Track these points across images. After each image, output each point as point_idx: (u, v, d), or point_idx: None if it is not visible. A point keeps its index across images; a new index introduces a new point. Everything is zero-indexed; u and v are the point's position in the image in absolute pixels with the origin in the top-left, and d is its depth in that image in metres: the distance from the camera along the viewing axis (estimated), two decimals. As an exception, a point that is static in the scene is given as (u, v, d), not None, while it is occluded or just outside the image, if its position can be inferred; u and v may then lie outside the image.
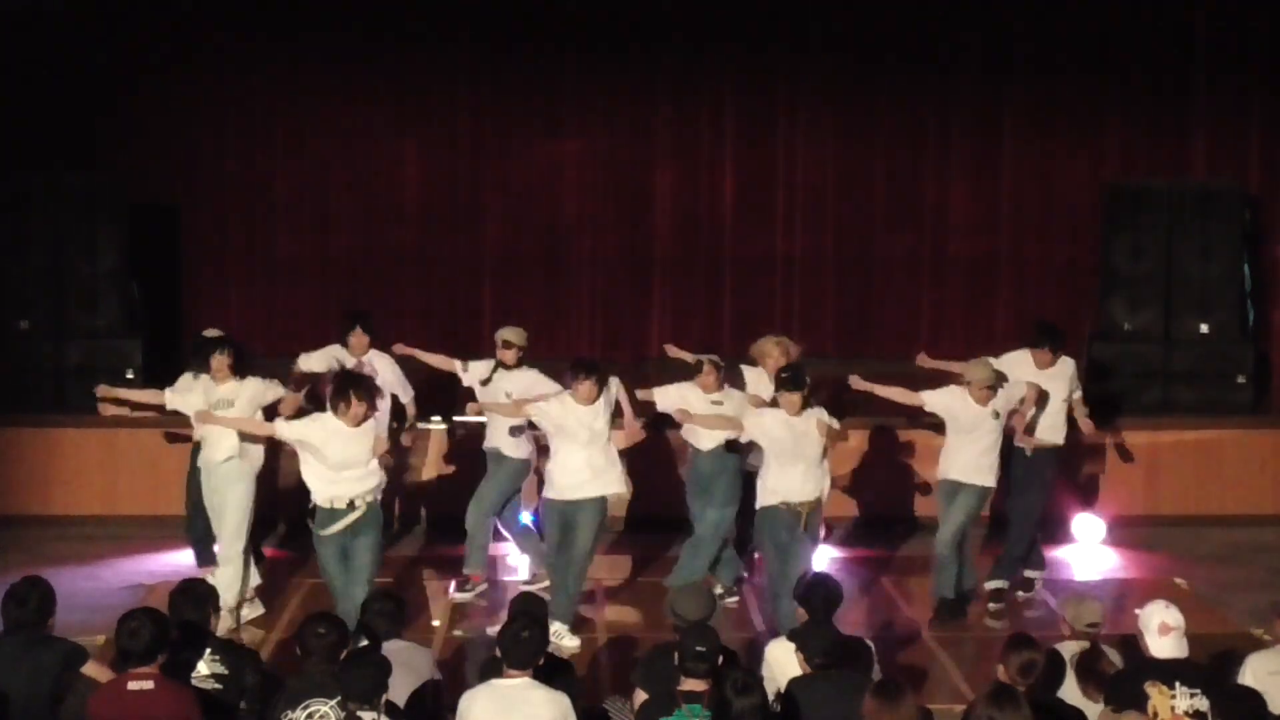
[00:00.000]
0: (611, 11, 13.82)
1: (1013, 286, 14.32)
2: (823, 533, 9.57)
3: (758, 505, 9.12)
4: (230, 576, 9.29)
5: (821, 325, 14.11)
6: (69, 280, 12.39)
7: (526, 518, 10.41)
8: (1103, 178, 13.61)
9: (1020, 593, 10.13)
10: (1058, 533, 11.12)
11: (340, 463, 8.45)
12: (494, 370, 10.10)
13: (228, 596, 8.99)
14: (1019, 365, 9.99)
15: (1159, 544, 11.46)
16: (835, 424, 9.08)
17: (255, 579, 9.60)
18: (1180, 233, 12.67)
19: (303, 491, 8.69)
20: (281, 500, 10.63)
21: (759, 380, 10.02)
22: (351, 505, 8.50)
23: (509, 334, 10.12)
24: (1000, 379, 9.59)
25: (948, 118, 14.22)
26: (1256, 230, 13.30)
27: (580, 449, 9.16)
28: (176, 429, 10.96)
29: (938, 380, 9.85)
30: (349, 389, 8.51)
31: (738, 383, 10.01)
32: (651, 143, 14.22)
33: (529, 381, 9.93)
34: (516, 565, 10.61)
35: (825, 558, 10.15)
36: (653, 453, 11.35)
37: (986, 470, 9.60)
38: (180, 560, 10.75)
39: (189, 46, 13.74)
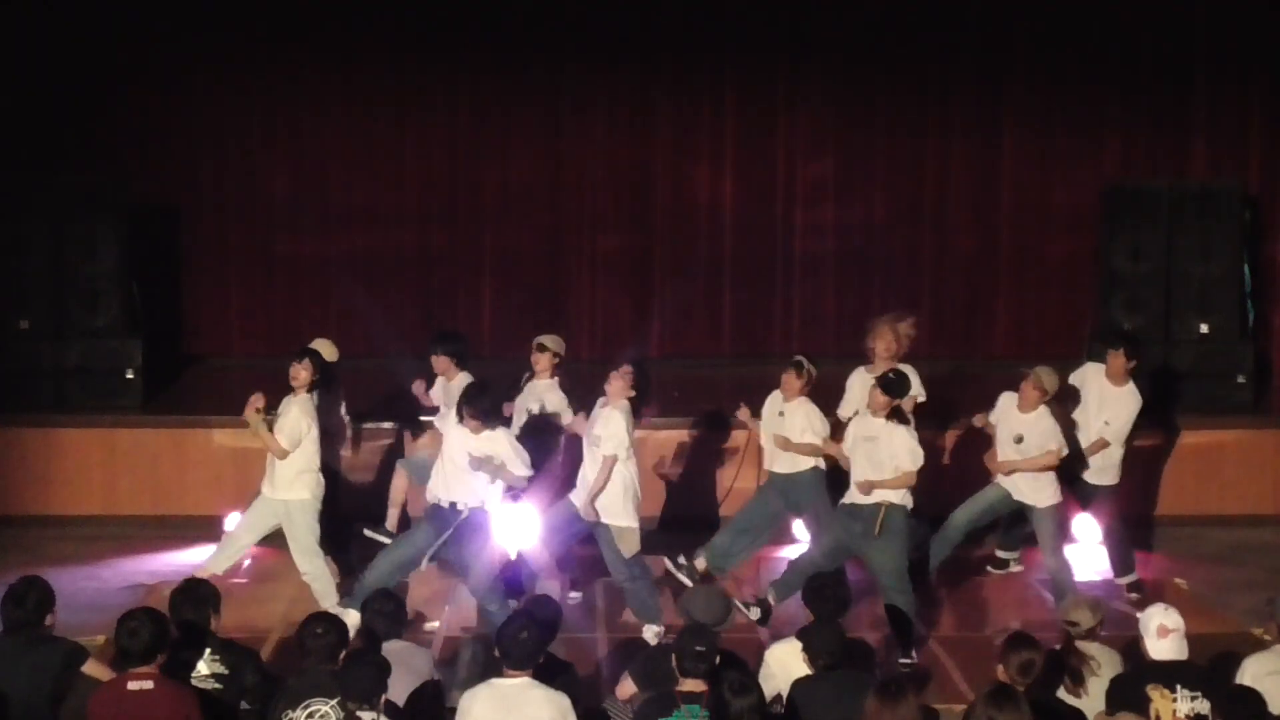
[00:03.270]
0: (611, 11, 13.82)
1: (1013, 286, 14.31)
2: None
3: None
4: (324, 584, 9.52)
5: (822, 325, 14.10)
6: (69, 280, 12.38)
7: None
8: (1103, 178, 13.60)
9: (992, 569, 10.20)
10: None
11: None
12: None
13: (328, 602, 9.25)
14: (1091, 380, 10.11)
15: (1159, 544, 11.46)
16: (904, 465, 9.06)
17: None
18: (1180, 233, 12.66)
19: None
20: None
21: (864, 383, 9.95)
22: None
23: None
24: (1060, 394, 9.61)
25: (948, 117, 14.21)
26: (1256, 230, 13.30)
27: None
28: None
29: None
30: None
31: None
32: (651, 143, 14.21)
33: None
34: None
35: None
36: (680, 453, 11.40)
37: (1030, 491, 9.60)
38: (180, 560, 10.76)
39: (188, 46, 13.71)
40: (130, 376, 12.28)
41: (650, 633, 9.34)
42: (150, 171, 13.44)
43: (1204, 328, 12.63)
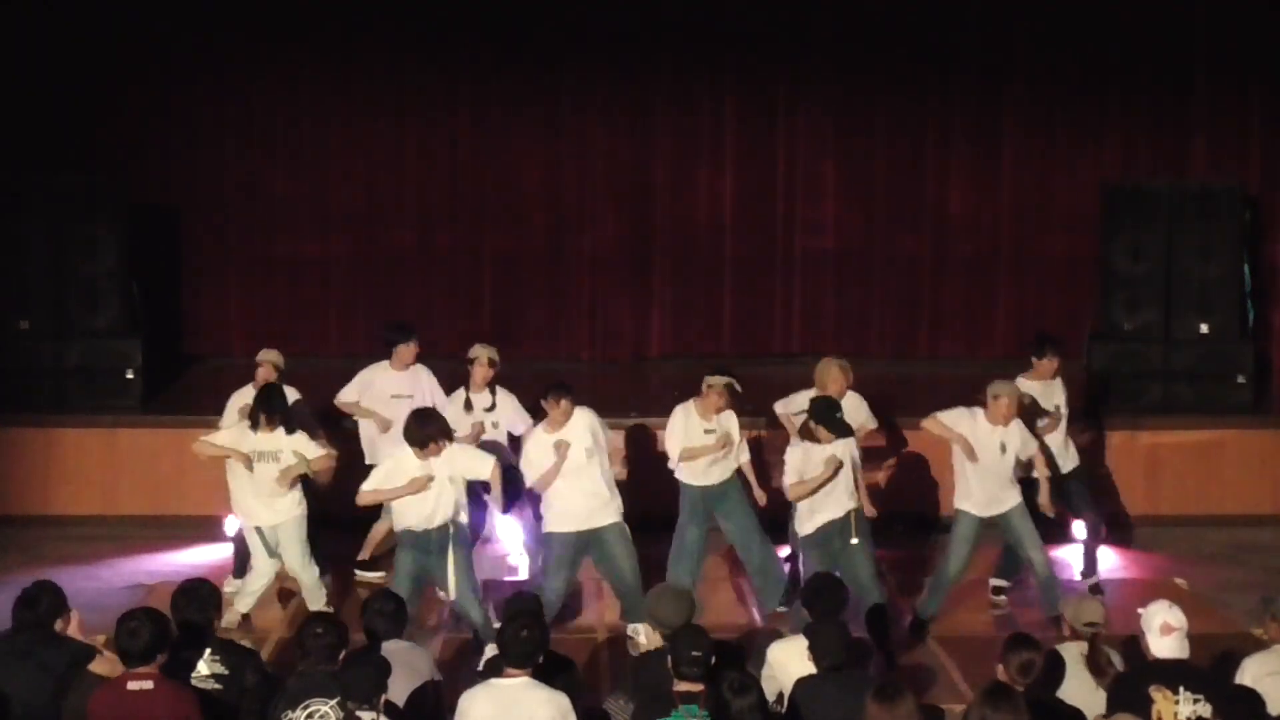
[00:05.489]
0: (611, 11, 13.82)
1: (1013, 286, 14.32)
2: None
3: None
4: (314, 587, 9.57)
5: (821, 325, 14.12)
6: (69, 280, 12.38)
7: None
8: (1103, 178, 13.59)
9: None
10: (1057, 533, 11.09)
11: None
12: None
13: (319, 605, 9.42)
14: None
15: (1159, 544, 11.46)
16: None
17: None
18: (1180, 233, 12.66)
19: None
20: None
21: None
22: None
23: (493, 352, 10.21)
24: (1025, 402, 9.56)
25: (948, 118, 14.21)
26: (1256, 230, 13.30)
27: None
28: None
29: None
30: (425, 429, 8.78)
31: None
32: (651, 143, 14.21)
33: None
34: (517, 565, 10.61)
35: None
36: (647, 452, 11.37)
37: (998, 498, 9.49)
38: (180, 560, 10.77)
39: (189, 47, 13.74)
40: (130, 376, 12.29)
41: (643, 632, 9.32)
42: (150, 171, 13.45)
43: (1204, 328, 12.63)
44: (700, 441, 9.65)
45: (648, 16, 13.89)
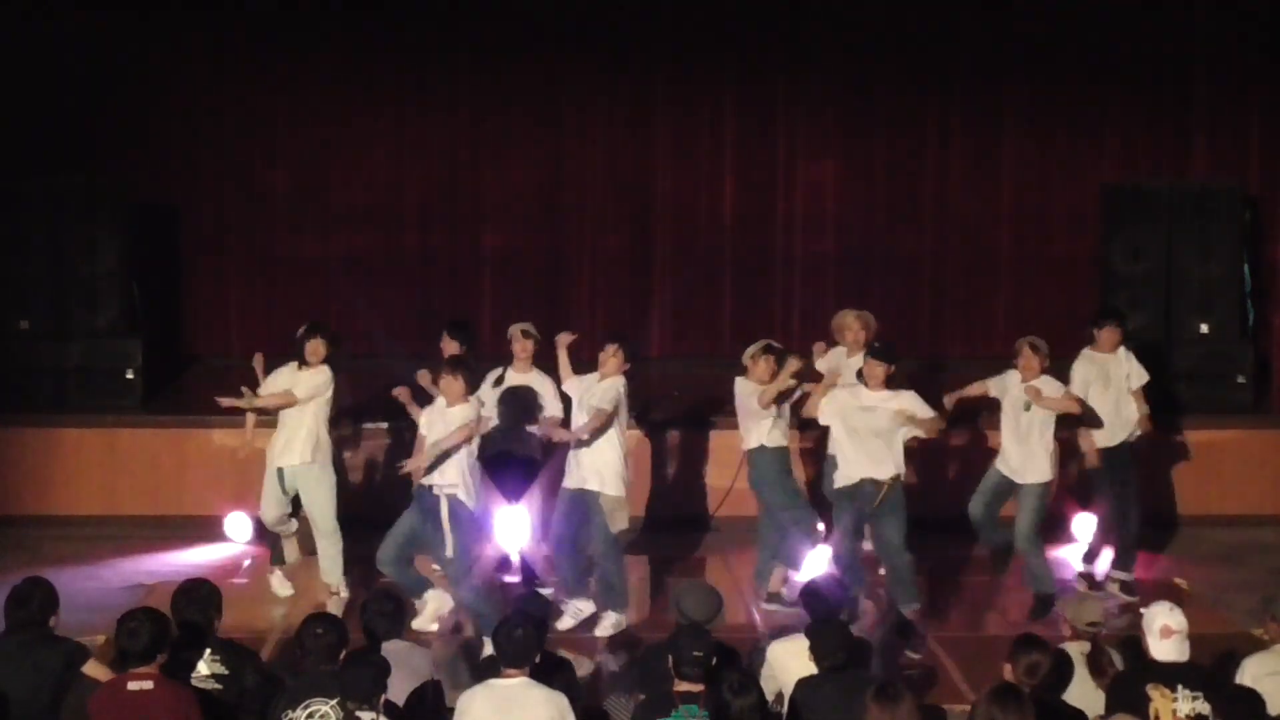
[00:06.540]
0: (612, 11, 13.83)
1: (1013, 286, 14.31)
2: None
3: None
4: (332, 560, 9.81)
5: (822, 325, 14.02)
6: (69, 280, 12.37)
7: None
8: (1103, 178, 13.60)
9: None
10: (1058, 532, 11.09)
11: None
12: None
13: (332, 579, 9.81)
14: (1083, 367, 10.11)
15: (1159, 544, 11.46)
16: (925, 414, 9.22)
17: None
18: (1180, 233, 12.66)
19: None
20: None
21: (841, 356, 10.20)
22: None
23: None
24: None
25: (948, 117, 14.21)
26: (1256, 230, 13.30)
27: None
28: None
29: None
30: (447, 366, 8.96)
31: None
32: (651, 143, 14.21)
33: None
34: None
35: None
36: (668, 452, 11.40)
37: (1021, 467, 9.58)
38: (180, 560, 10.77)
39: (189, 47, 13.75)
40: (130, 376, 12.27)
41: (610, 621, 9.34)
42: (150, 171, 13.43)
43: (1204, 328, 12.63)
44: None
45: (648, 16, 13.89)
